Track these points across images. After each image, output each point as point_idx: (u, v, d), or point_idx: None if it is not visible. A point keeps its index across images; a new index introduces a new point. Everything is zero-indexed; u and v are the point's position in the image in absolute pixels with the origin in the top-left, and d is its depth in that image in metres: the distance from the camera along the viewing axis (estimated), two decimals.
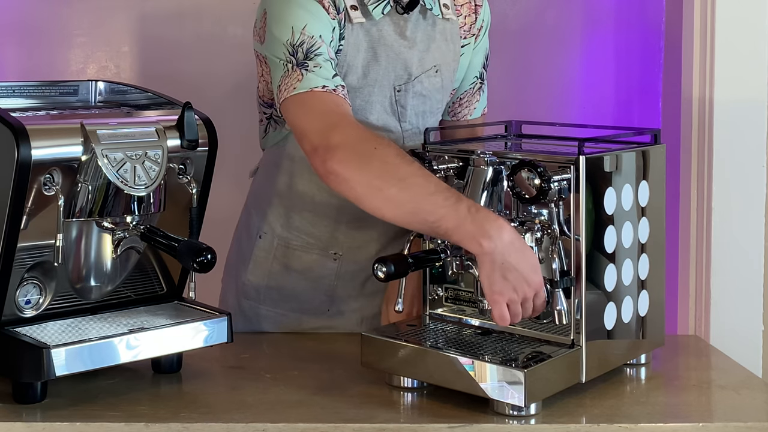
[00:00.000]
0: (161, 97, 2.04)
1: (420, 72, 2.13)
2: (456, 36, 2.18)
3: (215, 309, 1.93)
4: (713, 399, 1.91)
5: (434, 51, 2.15)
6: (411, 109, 2.15)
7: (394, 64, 2.11)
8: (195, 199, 1.87)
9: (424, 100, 2.16)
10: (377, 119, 2.12)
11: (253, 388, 1.87)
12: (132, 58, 3.03)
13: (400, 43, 2.11)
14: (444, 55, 2.17)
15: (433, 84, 2.16)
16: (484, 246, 1.73)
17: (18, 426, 1.69)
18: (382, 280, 1.76)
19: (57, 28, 3.00)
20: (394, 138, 2.13)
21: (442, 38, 2.16)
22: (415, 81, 2.13)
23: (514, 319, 1.76)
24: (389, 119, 2.14)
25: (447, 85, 2.20)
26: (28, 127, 1.71)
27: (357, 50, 2.08)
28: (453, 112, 2.29)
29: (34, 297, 1.82)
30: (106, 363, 1.78)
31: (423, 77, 2.14)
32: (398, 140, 2.13)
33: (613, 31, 3.13)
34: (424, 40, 2.13)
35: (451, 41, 2.17)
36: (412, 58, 2.12)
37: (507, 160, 1.84)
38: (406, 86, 2.13)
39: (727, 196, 2.51)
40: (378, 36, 2.09)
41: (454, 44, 2.18)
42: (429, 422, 1.71)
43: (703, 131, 2.54)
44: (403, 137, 2.15)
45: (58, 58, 3.02)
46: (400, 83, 2.12)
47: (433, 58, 2.15)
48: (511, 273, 1.74)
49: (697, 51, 2.57)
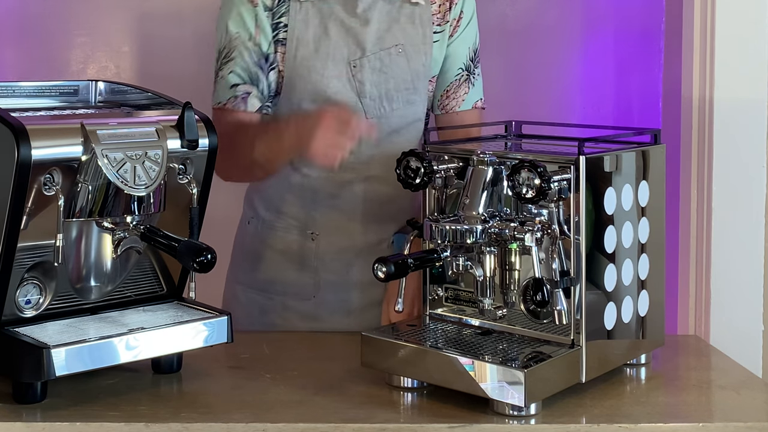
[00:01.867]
0: (161, 97, 2.04)
1: (377, 49, 2.21)
2: (426, 20, 2.26)
3: (215, 309, 1.93)
4: (713, 399, 1.91)
5: (397, 31, 2.23)
6: (371, 84, 2.21)
7: (346, 40, 2.20)
8: (195, 199, 1.87)
9: (386, 78, 2.22)
10: (335, 93, 2.20)
11: (253, 388, 1.87)
12: (132, 58, 3.03)
13: (351, 20, 2.20)
14: (410, 37, 2.24)
15: (397, 62, 2.22)
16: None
17: (18, 426, 1.69)
18: (382, 280, 1.76)
19: (57, 28, 3.00)
20: (355, 111, 2.18)
21: (408, 21, 2.24)
22: (372, 57, 2.20)
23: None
24: (348, 93, 2.21)
25: (417, 68, 2.25)
26: (28, 127, 1.70)
27: (306, 25, 2.18)
28: (441, 105, 2.35)
29: (34, 297, 1.82)
30: (106, 363, 1.78)
31: (382, 54, 2.21)
32: (359, 114, 2.20)
33: (613, 31, 3.13)
34: (384, 20, 2.22)
35: (420, 25, 2.25)
36: (365, 35, 2.20)
37: (507, 160, 1.84)
38: (362, 62, 2.20)
39: (727, 196, 2.51)
40: (328, 12, 2.21)
41: (423, 28, 2.25)
42: (429, 422, 1.71)
43: (703, 131, 2.54)
44: (365, 111, 2.21)
45: (58, 58, 3.01)
46: (354, 58, 2.20)
47: (394, 37, 2.22)
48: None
49: (697, 51, 2.57)
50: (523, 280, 1.86)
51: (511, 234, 1.80)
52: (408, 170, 1.90)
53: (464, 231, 1.79)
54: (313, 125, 1.98)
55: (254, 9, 2.19)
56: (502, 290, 1.87)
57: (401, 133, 2.25)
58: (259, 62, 2.20)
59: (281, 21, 2.19)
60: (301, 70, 2.19)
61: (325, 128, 1.97)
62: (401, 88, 2.24)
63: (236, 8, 2.21)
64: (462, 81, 2.34)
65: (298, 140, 2.03)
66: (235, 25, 2.21)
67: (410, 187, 1.91)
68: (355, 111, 2.16)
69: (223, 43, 2.23)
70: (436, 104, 2.36)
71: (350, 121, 1.97)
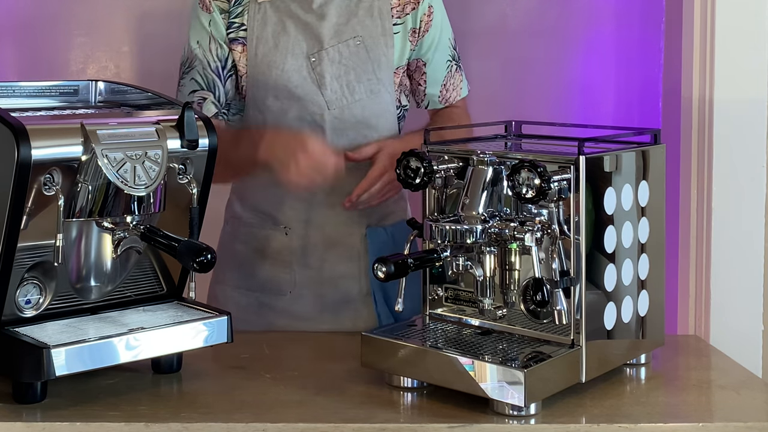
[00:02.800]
0: (161, 97, 2.04)
1: (335, 42, 2.25)
2: (386, 13, 2.30)
3: (215, 309, 1.93)
4: (713, 399, 1.91)
5: (355, 24, 2.27)
6: (331, 76, 2.25)
7: (304, 34, 2.25)
8: (195, 199, 1.87)
9: (347, 69, 2.26)
10: (296, 87, 2.24)
11: (253, 388, 1.87)
12: (132, 58, 3.03)
13: (307, 15, 2.26)
14: (369, 29, 2.28)
15: (355, 54, 2.26)
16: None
17: (18, 426, 1.69)
18: (383, 280, 1.76)
19: (57, 28, 3.00)
20: (317, 104, 2.24)
21: (367, 14, 2.28)
22: (330, 49, 2.25)
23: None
24: (309, 87, 2.25)
25: (378, 58, 2.28)
26: (28, 127, 1.70)
27: (264, 24, 2.24)
28: (443, 99, 2.40)
29: (34, 297, 1.82)
30: (106, 363, 1.78)
31: (341, 47, 2.25)
32: (322, 106, 2.24)
33: (613, 31, 3.13)
34: (341, 14, 2.27)
35: (378, 17, 2.29)
36: (321, 29, 2.25)
37: (507, 160, 1.84)
38: (320, 54, 2.24)
39: (727, 196, 2.51)
40: (285, 10, 2.27)
41: (382, 20, 2.29)
42: (429, 422, 1.71)
43: (703, 131, 2.54)
44: (327, 104, 2.24)
45: (58, 58, 3.01)
46: (313, 51, 2.24)
47: (353, 30, 2.27)
48: None
49: (697, 51, 2.57)
50: (523, 280, 1.86)
51: (511, 234, 1.80)
52: (408, 170, 1.90)
53: (464, 231, 1.79)
54: (285, 155, 2.08)
55: (209, 15, 2.27)
56: (502, 290, 1.87)
57: (371, 125, 2.28)
58: (216, 70, 2.26)
59: (237, 21, 2.27)
60: (262, 67, 2.24)
61: (296, 162, 2.05)
62: (363, 79, 2.27)
63: (196, 19, 2.29)
64: (454, 71, 2.39)
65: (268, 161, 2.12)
66: (195, 35, 2.29)
67: (410, 187, 1.91)
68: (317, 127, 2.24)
69: (186, 55, 2.30)
70: (435, 101, 2.39)
71: (321, 159, 2.05)
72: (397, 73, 2.32)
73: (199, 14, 2.29)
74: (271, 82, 2.24)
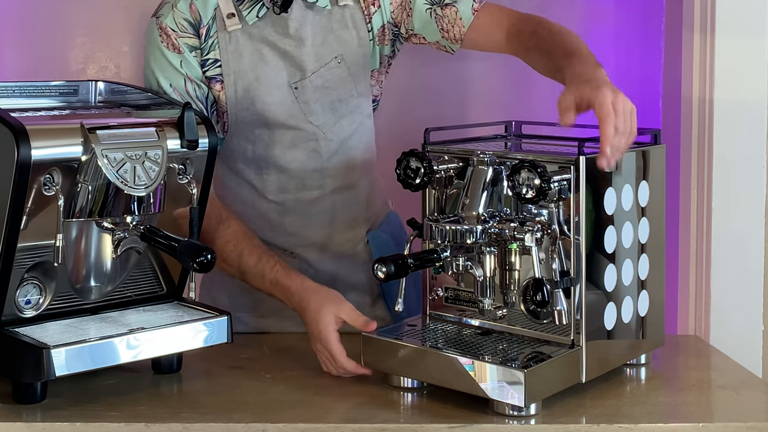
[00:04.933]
0: (161, 97, 2.04)
1: (318, 66, 2.14)
2: (359, 20, 2.17)
3: (215, 309, 1.93)
4: (713, 399, 1.91)
5: (332, 42, 2.15)
6: (315, 103, 2.15)
7: (284, 62, 2.12)
8: (195, 199, 1.87)
9: (329, 92, 2.15)
10: (285, 119, 2.13)
11: (253, 388, 1.87)
12: (132, 58, 3.02)
13: (286, 42, 2.12)
14: (346, 43, 2.16)
15: (337, 74, 2.15)
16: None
17: (18, 426, 1.69)
18: (382, 280, 1.76)
19: (57, 28, 2.99)
20: (310, 132, 2.14)
21: (341, 26, 2.16)
22: (313, 76, 2.13)
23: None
24: (297, 116, 2.14)
25: (357, 72, 2.18)
26: (28, 127, 1.71)
27: (240, 56, 2.11)
28: (451, 40, 2.19)
29: (34, 297, 1.82)
30: (106, 363, 1.78)
31: (323, 71, 2.14)
32: (315, 134, 2.15)
33: (613, 30, 3.13)
34: (318, 34, 2.14)
35: (353, 27, 2.17)
36: (303, 55, 2.13)
37: (507, 160, 1.84)
38: (303, 83, 2.13)
39: (727, 196, 2.51)
40: (261, 38, 2.11)
41: (357, 29, 2.17)
42: (429, 422, 1.71)
43: (703, 131, 2.54)
44: (317, 128, 2.15)
45: (58, 58, 3.01)
46: (295, 80, 2.13)
47: (331, 49, 2.15)
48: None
49: (697, 51, 2.57)
50: (523, 280, 1.86)
51: (511, 234, 1.80)
52: (408, 170, 1.90)
53: (464, 231, 1.79)
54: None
55: (180, 56, 2.10)
56: (502, 290, 1.87)
57: (353, 137, 2.21)
58: (199, 112, 2.08)
59: (210, 57, 2.11)
60: (245, 103, 2.12)
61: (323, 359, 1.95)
62: (344, 97, 2.17)
63: (163, 59, 2.10)
64: (441, 11, 2.16)
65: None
66: (166, 76, 2.10)
67: (410, 187, 1.91)
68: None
69: (159, 94, 2.12)
70: (447, 45, 2.20)
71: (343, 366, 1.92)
72: (372, 75, 2.23)
73: (165, 55, 2.10)
74: (256, 115, 2.13)
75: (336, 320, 1.93)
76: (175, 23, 2.10)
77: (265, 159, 2.16)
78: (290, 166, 2.16)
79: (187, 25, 2.11)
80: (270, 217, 2.21)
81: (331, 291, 1.99)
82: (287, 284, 2.01)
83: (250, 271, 2.06)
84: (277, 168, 2.17)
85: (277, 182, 2.18)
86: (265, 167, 2.17)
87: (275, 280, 2.03)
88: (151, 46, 2.13)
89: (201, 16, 2.11)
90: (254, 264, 2.05)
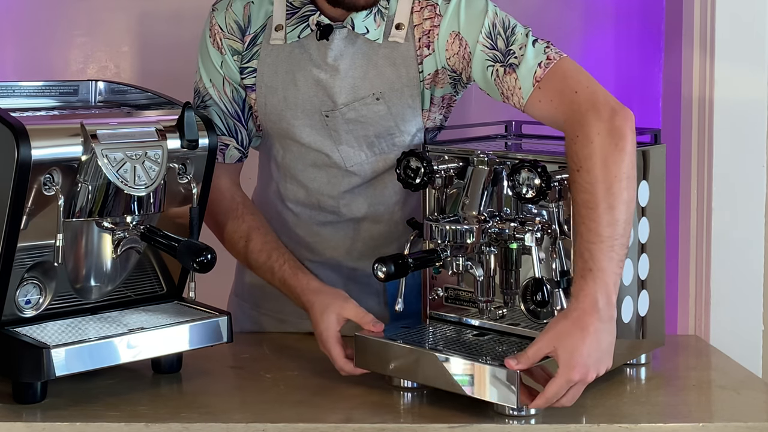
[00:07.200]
0: (161, 97, 2.04)
1: (351, 100, 2.01)
2: (410, 59, 2.00)
3: (215, 309, 1.93)
4: (713, 399, 1.91)
5: (374, 77, 2.01)
6: (347, 133, 2.04)
7: (315, 90, 2.03)
8: (195, 199, 1.87)
9: (365, 126, 2.03)
10: (311, 141, 2.06)
11: (253, 388, 1.87)
12: (132, 58, 3.02)
13: (320, 70, 2.02)
14: (390, 81, 2.01)
15: (374, 111, 2.02)
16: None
17: (18, 426, 1.69)
18: (382, 280, 1.76)
19: (57, 28, 3.00)
20: (334, 160, 2.06)
21: (388, 63, 2.01)
22: (344, 108, 2.02)
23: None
24: (324, 141, 2.06)
25: (401, 111, 2.02)
26: (28, 127, 1.70)
27: (275, 71, 2.05)
28: (513, 104, 1.96)
29: (34, 297, 1.82)
30: (106, 363, 1.78)
31: (357, 105, 2.01)
32: (339, 163, 2.06)
33: (613, 31, 3.13)
34: (358, 66, 2.01)
35: (402, 65, 2.01)
36: (336, 86, 2.01)
37: (507, 160, 1.84)
38: (334, 113, 2.03)
39: (727, 196, 2.51)
40: (297, 60, 2.04)
41: (406, 68, 2.01)
42: (429, 422, 1.71)
43: (703, 131, 2.54)
44: (343, 159, 2.06)
45: (58, 58, 3.01)
46: (327, 110, 2.03)
47: (371, 85, 2.01)
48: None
49: (697, 51, 2.57)
50: (523, 280, 1.86)
51: (511, 234, 1.81)
52: (408, 170, 1.90)
53: (464, 231, 1.79)
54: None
55: (221, 56, 2.08)
56: (502, 290, 1.87)
57: (385, 175, 2.09)
58: (235, 114, 2.10)
59: (250, 66, 2.07)
60: (272, 117, 2.07)
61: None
62: (383, 134, 2.04)
63: (207, 55, 2.10)
64: (503, 74, 1.93)
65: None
66: (208, 72, 2.10)
67: (410, 187, 1.91)
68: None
69: (198, 86, 2.12)
70: (515, 103, 1.95)
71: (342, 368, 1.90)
72: (423, 114, 2.06)
73: (209, 51, 2.09)
74: (281, 132, 2.08)
75: (338, 321, 1.92)
76: (225, 23, 2.08)
77: (289, 169, 2.11)
78: (310, 184, 2.10)
79: (235, 28, 2.07)
80: (285, 218, 2.16)
81: (336, 291, 1.97)
82: (293, 284, 2.00)
83: (261, 267, 2.06)
84: (298, 182, 2.12)
85: (295, 193, 2.13)
86: (288, 176, 2.13)
87: (282, 279, 2.02)
88: (203, 36, 2.12)
89: (251, 21, 2.07)
90: (264, 261, 2.05)
